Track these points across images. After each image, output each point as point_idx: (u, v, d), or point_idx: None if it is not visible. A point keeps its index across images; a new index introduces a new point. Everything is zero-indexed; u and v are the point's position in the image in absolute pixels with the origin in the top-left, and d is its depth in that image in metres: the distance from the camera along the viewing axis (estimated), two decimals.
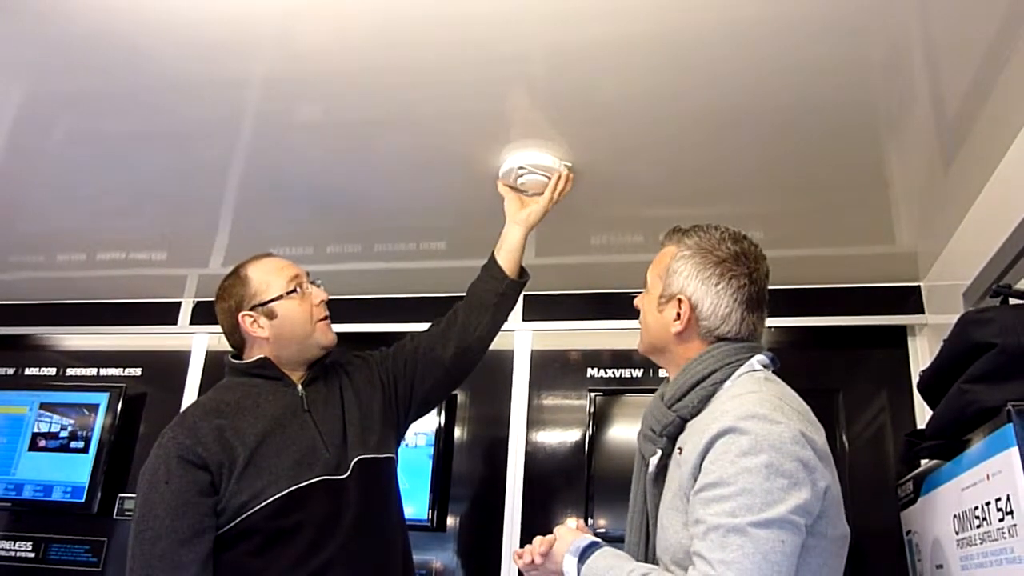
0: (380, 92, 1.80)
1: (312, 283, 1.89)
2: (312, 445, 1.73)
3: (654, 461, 1.43)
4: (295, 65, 1.73)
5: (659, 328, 1.51)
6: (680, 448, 1.38)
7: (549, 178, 2.03)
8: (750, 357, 1.43)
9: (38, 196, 2.47)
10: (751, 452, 1.23)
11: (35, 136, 2.10)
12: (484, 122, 1.91)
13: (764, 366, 1.44)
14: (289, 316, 1.82)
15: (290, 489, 1.66)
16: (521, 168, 2.02)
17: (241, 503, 1.64)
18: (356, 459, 1.75)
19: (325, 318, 1.87)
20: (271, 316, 1.81)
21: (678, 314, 1.46)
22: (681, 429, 1.42)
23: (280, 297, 1.82)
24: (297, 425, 1.75)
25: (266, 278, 1.84)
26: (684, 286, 1.47)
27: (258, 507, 1.64)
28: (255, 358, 1.82)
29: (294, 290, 1.84)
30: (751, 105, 1.76)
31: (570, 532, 1.43)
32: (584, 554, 1.36)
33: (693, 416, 1.41)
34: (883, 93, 1.70)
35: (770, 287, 2.65)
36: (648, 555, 1.46)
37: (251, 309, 1.81)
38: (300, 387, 1.81)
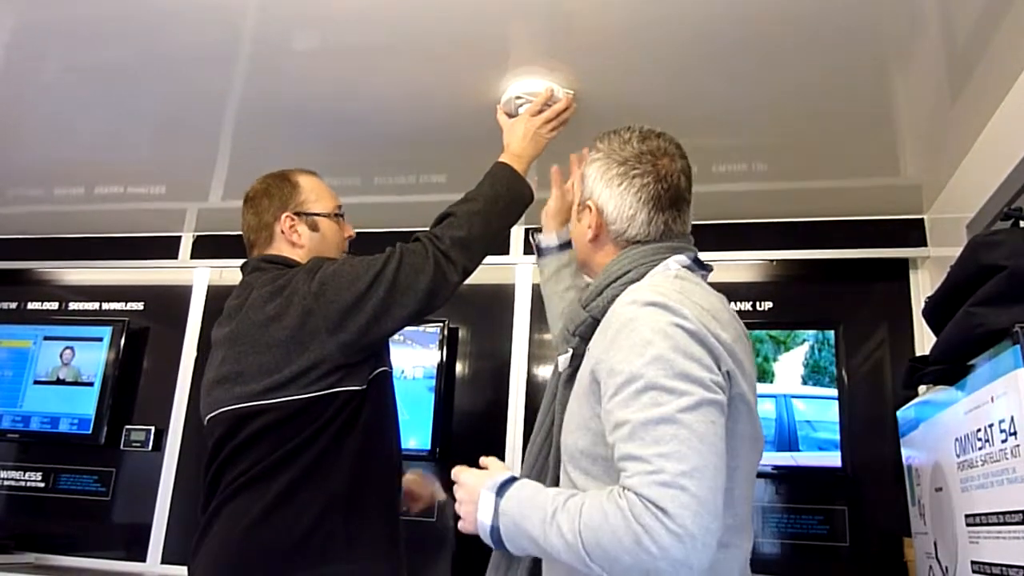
0: (379, 17, 1.76)
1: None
2: None
3: (563, 361, 1.41)
4: None
5: (580, 238, 1.48)
6: (589, 348, 1.34)
7: (549, 106, 1.99)
8: (667, 258, 1.37)
9: (33, 127, 2.44)
10: (654, 341, 1.17)
11: (28, 65, 2.06)
12: (484, 48, 1.87)
13: (684, 267, 1.37)
14: (328, 235, 1.85)
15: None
16: (519, 98, 1.99)
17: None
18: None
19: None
20: (313, 228, 1.84)
21: (589, 222, 1.43)
22: (594, 330, 1.36)
23: (328, 215, 1.86)
24: None
25: (317, 191, 1.87)
26: (592, 191, 1.42)
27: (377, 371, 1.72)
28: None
29: (340, 214, 1.89)
30: (756, 31, 1.73)
31: (498, 465, 1.32)
32: (502, 489, 1.24)
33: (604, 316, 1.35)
34: (891, 19, 1.66)
35: (772, 220, 2.69)
36: (551, 460, 1.40)
37: (296, 214, 1.82)
38: None
